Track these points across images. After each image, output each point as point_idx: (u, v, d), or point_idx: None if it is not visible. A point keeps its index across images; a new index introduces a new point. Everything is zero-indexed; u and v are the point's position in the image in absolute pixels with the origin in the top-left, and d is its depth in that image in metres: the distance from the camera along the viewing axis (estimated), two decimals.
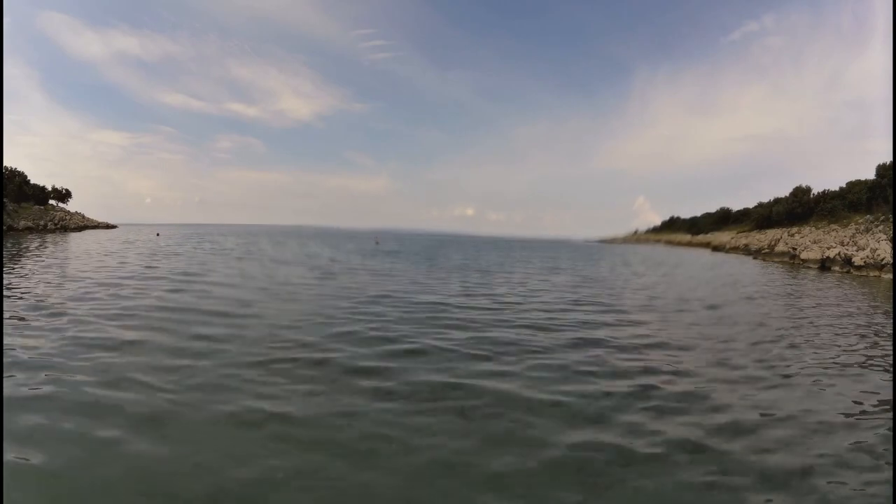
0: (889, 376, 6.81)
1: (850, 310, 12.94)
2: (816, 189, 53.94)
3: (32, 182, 69.06)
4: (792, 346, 8.60)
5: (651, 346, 8.34)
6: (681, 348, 8.24)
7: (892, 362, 7.55)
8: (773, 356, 7.81)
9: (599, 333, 9.15)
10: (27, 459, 3.86)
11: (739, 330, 9.96)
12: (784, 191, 63.34)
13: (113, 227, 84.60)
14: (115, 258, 21.96)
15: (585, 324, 10.03)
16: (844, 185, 48.26)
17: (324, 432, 4.56)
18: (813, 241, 34.93)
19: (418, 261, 27.21)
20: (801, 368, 7.14)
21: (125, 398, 5.18)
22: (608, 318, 10.89)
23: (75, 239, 40.95)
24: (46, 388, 5.37)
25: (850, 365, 7.37)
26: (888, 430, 4.96)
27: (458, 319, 9.97)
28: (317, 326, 8.87)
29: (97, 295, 11.52)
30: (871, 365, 7.44)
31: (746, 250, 46.30)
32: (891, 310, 13.08)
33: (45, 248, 27.54)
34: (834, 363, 7.46)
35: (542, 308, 11.81)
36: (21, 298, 10.65)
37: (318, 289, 14.11)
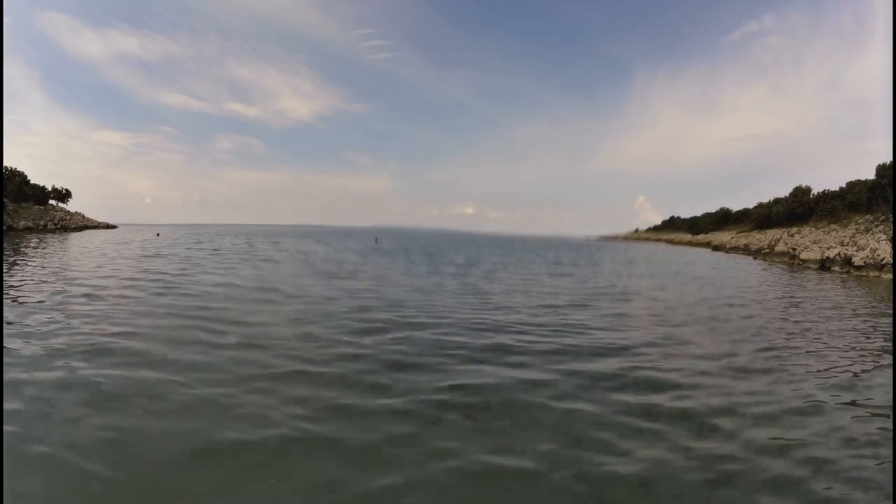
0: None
1: (869, 312, 12.93)
2: (816, 189, 54.01)
3: (32, 182, 69.08)
4: (809, 349, 8.59)
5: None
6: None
7: (892, 362, 7.54)
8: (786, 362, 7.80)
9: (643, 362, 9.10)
10: None
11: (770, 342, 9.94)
12: (784, 191, 63.43)
13: (113, 227, 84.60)
14: (121, 261, 21.96)
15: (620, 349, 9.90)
16: (844, 185, 48.24)
17: None
18: (813, 241, 34.89)
19: (417, 262, 27.15)
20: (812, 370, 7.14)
21: None
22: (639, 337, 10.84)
23: (75, 240, 40.95)
24: None
25: (860, 365, 7.36)
26: (888, 429, 4.95)
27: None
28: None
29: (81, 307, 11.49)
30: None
31: (746, 250, 46.25)
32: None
33: (39, 250, 27.54)
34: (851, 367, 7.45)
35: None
36: None
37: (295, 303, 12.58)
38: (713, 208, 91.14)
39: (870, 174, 44.58)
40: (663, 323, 10.66)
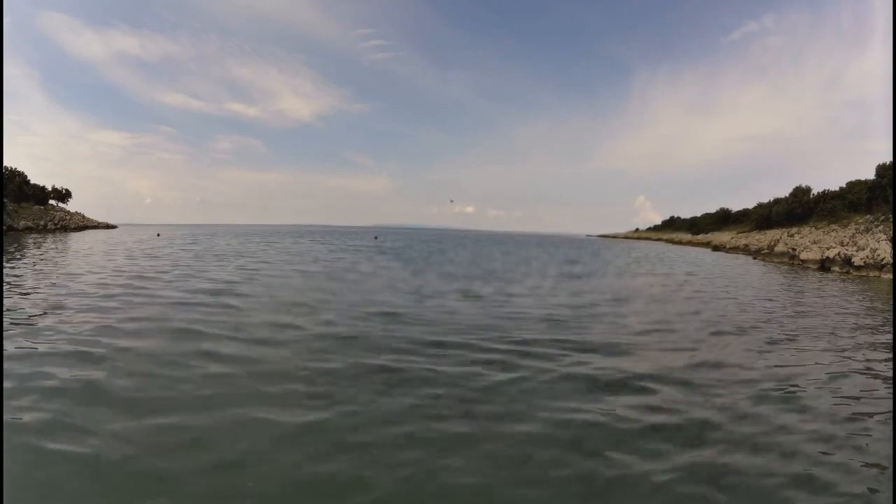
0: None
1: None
2: (816, 189, 54.03)
3: (32, 182, 69.12)
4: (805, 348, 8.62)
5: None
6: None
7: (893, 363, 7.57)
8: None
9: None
10: None
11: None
12: (784, 191, 63.55)
13: (113, 227, 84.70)
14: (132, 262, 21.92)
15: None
16: (844, 185, 48.27)
17: None
18: (812, 241, 34.91)
19: (411, 263, 27.13)
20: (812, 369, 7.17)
21: None
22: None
23: (75, 240, 40.94)
24: None
25: (856, 364, 7.38)
26: (888, 429, 4.99)
27: None
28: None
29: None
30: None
31: (746, 250, 46.29)
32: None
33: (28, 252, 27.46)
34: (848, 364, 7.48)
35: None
36: None
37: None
38: (713, 208, 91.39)
39: (870, 174, 44.64)
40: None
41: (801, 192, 55.48)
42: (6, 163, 68.28)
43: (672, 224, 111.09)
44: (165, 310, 10.36)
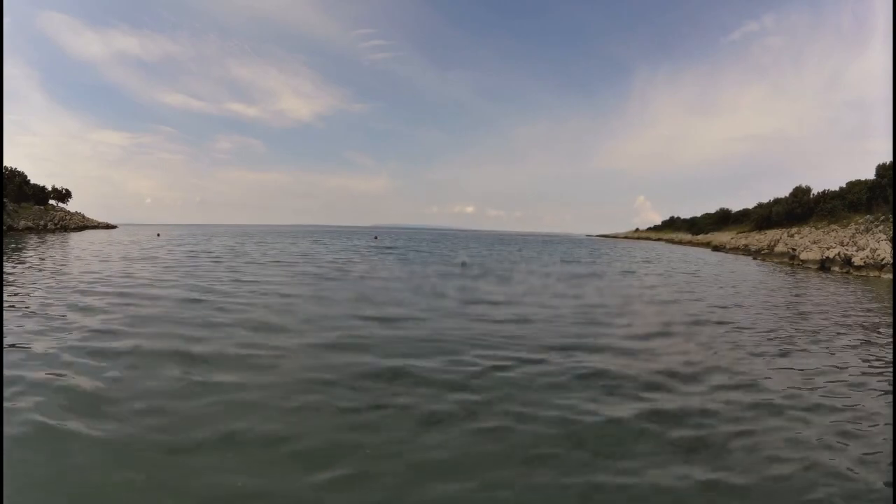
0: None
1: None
2: (816, 189, 54.07)
3: (32, 182, 69.19)
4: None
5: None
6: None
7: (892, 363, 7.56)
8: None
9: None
10: None
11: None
12: (784, 191, 63.69)
13: (113, 227, 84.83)
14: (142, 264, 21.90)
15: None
16: (844, 185, 48.30)
17: None
18: (812, 241, 34.91)
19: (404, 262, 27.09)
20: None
21: None
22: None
23: (74, 240, 40.92)
24: None
25: (854, 364, 7.38)
26: (888, 430, 4.98)
27: None
28: None
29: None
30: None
31: (746, 250, 46.29)
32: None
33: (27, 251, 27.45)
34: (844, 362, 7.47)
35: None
36: None
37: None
38: (713, 208, 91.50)
39: (870, 174, 44.68)
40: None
41: (801, 192, 55.51)
42: (6, 163, 68.44)
43: (672, 224, 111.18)
44: (157, 320, 10.32)
